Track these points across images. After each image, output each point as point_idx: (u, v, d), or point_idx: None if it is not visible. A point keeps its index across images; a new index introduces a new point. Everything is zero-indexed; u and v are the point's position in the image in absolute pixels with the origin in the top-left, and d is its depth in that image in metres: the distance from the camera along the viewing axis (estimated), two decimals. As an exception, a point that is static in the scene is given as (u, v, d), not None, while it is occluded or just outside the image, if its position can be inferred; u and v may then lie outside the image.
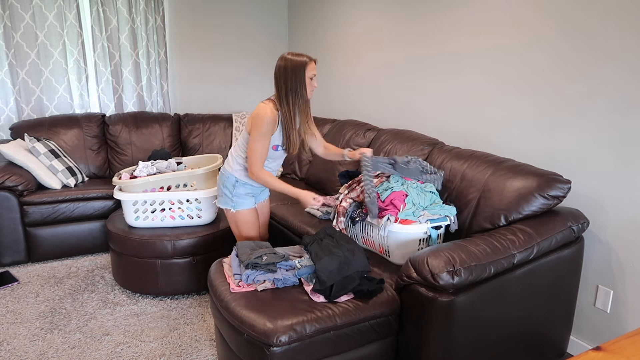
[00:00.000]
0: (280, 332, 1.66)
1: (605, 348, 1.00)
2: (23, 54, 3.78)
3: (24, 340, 2.42)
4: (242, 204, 2.38)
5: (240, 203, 2.38)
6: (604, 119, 2.14)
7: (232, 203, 2.38)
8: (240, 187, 2.37)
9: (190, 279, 2.82)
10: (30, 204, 3.26)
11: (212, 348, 2.37)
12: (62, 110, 4.02)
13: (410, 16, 3.24)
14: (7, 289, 2.97)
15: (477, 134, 2.82)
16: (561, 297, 2.11)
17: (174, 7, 4.37)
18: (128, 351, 2.34)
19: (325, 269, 1.85)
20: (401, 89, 3.41)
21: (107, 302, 2.81)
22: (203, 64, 4.61)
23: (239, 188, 2.36)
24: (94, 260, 3.42)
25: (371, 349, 1.87)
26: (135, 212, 2.80)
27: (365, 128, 3.37)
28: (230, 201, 2.38)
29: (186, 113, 4.46)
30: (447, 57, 2.97)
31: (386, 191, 2.29)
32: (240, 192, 2.37)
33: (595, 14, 2.12)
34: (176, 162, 3.11)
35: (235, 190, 2.36)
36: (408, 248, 2.19)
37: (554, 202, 2.10)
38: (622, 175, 2.09)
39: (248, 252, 2.05)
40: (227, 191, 2.38)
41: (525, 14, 2.45)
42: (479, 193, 2.28)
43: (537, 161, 2.47)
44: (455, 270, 1.70)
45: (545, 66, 2.37)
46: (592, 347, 1.60)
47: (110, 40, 4.07)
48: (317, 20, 4.36)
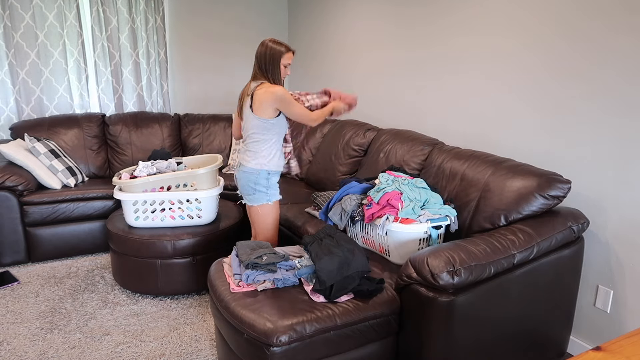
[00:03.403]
0: (280, 332, 1.66)
1: (605, 348, 1.00)
2: (23, 54, 3.78)
3: (24, 340, 2.42)
4: (275, 195, 2.49)
5: (274, 194, 2.48)
6: (603, 119, 2.14)
7: (267, 196, 2.45)
8: (272, 177, 2.45)
9: (190, 279, 2.82)
10: (30, 204, 3.25)
11: (212, 348, 2.37)
12: (62, 110, 4.02)
13: (410, 17, 3.24)
14: (7, 289, 2.97)
15: (477, 134, 2.82)
16: (561, 297, 2.11)
17: (174, 7, 4.37)
18: (128, 351, 2.34)
19: (325, 269, 1.85)
20: (401, 89, 3.41)
21: (107, 302, 2.81)
22: (203, 64, 4.61)
23: (272, 179, 2.45)
24: (94, 260, 3.42)
25: (371, 349, 1.87)
26: (135, 212, 2.80)
27: (365, 128, 3.37)
28: (266, 195, 2.45)
29: (186, 113, 4.46)
30: (447, 57, 2.97)
31: (378, 193, 2.29)
32: (274, 182, 2.47)
33: (595, 16, 2.12)
34: (176, 162, 3.10)
35: (269, 183, 2.44)
36: (408, 248, 2.19)
37: (554, 202, 2.10)
38: (622, 175, 2.09)
39: (248, 252, 2.05)
40: (260, 187, 2.43)
41: (525, 15, 2.45)
42: (479, 193, 2.28)
43: (537, 161, 2.47)
44: (455, 270, 1.70)
45: (545, 67, 2.37)
46: (592, 347, 1.61)
47: (110, 40, 4.07)
48: (317, 21, 4.36)
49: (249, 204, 2.49)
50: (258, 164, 2.39)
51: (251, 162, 2.40)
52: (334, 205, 2.44)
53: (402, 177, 2.38)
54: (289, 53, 2.36)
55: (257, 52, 2.37)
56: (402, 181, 2.32)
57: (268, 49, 2.34)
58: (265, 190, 2.43)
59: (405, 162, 2.80)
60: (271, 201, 2.46)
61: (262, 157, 2.39)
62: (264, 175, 2.41)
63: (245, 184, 2.44)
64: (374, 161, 3.05)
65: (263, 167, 2.40)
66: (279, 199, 2.51)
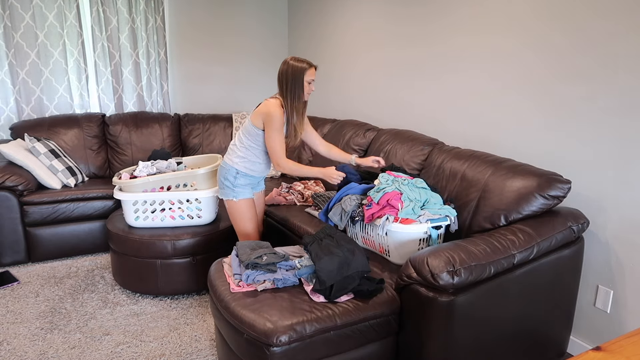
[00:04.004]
0: (280, 332, 1.66)
1: (605, 348, 1.00)
2: (23, 54, 3.77)
3: (24, 340, 2.42)
4: (243, 194, 2.56)
5: (240, 193, 2.55)
6: (604, 119, 2.14)
7: (233, 193, 2.54)
8: (240, 178, 2.53)
9: (190, 279, 2.82)
10: (30, 204, 3.25)
11: (212, 348, 2.37)
12: (62, 110, 4.02)
13: (410, 16, 3.24)
14: (7, 289, 2.97)
15: (477, 134, 2.82)
16: (561, 297, 2.11)
17: (174, 7, 4.37)
18: (128, 351, 2.34)
19: (325, 269, 1.85)
20: (401, 89, 3.41)
21: (107, 302, 2.81)
22: (203, 63, 4.61)
23: (239, 179, 2.53)
24: (94, 260, 3.42)
25: (371, 349, 1.87)
26: (135, 212, 2.80)
27: (365, 128, 3.37)
28: (232, 192, 2.54)
29: (186, 113, 4.46)
30: (447, 57, 2.97)
31: (378, 193, 2.29)
32: (241, 183, 2.54)
33: (596, 16, 2.12)
34: (176, 162, 3.11)
35: (236, 182, 2.53)
36: (408, 248, 2.19)
37: (554, 202, 2.10)
38: (622, 175, 2.09)
39: (248, 252, 2.05)
40: (228, 183, 2.54)
41: (526, 14, 2.45)
42: (479, 193, 2.28)
43: (537, 161, 2.47)
44: (455, 270, 1.70)
45: (545, 67, 2.37)
46: (592, 347, 1.61)
47: (110, 40, 4.07)
48: (316, 19, 4.36)
49: (219, 197, 2.65)
50: (230, 161, 2.52)
51: (227, 157, 2.55)
52: (334, 205, 2.44)
53: (402, 177, 2.38)
54: (311, 69, 2.39)
55: (279, 71, 2.42)
56: (402, 181, 2.32)
57: (290, 67, 2.38)
58: (232, 187, 2.53)
59: (405, 162, 2.80)
60: (237, 198, 2.54)
61: (237, 156, 2.51)
62: (232, 173, 2.52)
63: (218, 177, 2.59)
64: (374, 161, 3.05)
65: (234, 165, 2.51)
66: (246, 198, 2.56)
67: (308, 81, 2.40)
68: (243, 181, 2.54)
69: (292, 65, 2.38)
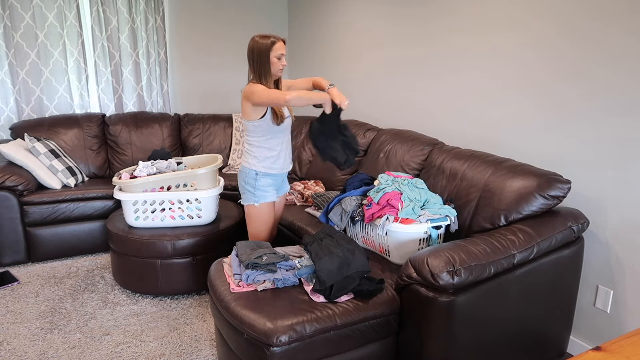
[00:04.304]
0: (280, 332, 1.66)
1: (605, 348, 1.00)
2: (23, 54, 3.77)
3: (24, 340, 2.42)
4: (265, 197, 2.44)
5: (262, 196, 2.43)
6: (604, 119, 2.14)
7: (254, 197, 2.43)
8: (261, 179, 2.42)
9: (190, 279, 2.82)
10: (30, 204, 3.25)
11: (212, 348, 2.37)
12: (62, 110, 4.02)
13: (410, 16, 3.24)
14: (7, 289, 2.97)
15: (477, 133, 2.82)
16: (561, 297, 2.11)
17: (174, 7, 4.37)
18: (128, 351, 2.34)
19: (325, 269, 1.85)
20: (401, 89, 3.41)
21: (107, 302, 2.81)
22: (203, 64, 4.61)
23: (260, 180, 2.42)
24: (94, 260, 3.42)
25: (371, 349, 1.87)
26: (135, 212, 2.80)
27: (365, 128, 3.37)
28: (253, 196, 2.43)
29: (186, 113, 4.46)
30: (447, 57, 2.97)
31: (378, 193, 2.29)
32: (262, 184, 2.43)
33: (596, 17, 2.12)
34: (176, 162, 3.11)
35: (257, 184, 2.42)
36: (408, 248, 2.19)
37: (554, 202, 2.10)
38: (622, 175, 2.09)
39: (248, 252, 2.05)
40: (249, 186, 2.44)
41: (526, 15, 2.45)
42: (479, 193, 2.28)
43: (537, 161, 2.46)
44: (455, 270, 1.70)
45: (545, 67, 2.37)
46: (592, 347, 1.60)
47: (110, 40, 4.07)
48: (317, 21, 4.35)
49: (242, 203, 2.53)
50: (247, 163, 2.43)
51: (243, 161, 2.46)
52: (334, 206, 2.44)
53: (402, 177, 2.38)
54: (278, 43, 2.27)
55: (247, 49, 2.32)
56: (402, 181, 2.32)
57: (256, 45, 2.28)
58: (253, 191, 2.43)
59: (405, 162, 2.80)
60: (257, 203, 2.43)
61: (251, 157, 2.42)
62: (252, 175, 2.42)
63: (239, 182, 2.50)
64: (374, 161, 3.05)
65: (252, 167, 2.41)
66: (269, 201, 2.45)
67: (277, 56, 2.28)
68: (265, 182, 2.42)
69: (257, 42, 2.27)
